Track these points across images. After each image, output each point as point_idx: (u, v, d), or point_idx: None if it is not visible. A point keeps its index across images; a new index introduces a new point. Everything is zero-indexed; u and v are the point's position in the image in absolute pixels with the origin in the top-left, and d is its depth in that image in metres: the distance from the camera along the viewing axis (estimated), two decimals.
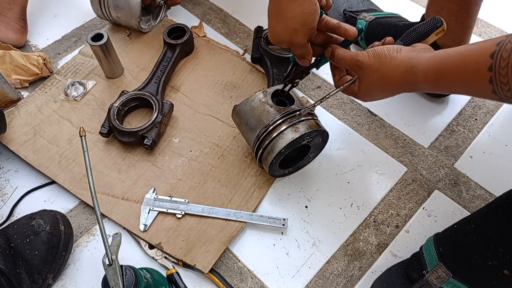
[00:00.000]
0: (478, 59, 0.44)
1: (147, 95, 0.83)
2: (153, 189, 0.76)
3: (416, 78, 0.53)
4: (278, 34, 0.63)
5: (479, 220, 0.55)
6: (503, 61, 0.40)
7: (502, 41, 0.42)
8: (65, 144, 0.81)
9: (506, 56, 0.40)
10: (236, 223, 0.73)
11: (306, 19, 0.60)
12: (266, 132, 0.68)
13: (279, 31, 0.63)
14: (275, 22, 0.62)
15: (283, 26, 0.62)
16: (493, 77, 0.42)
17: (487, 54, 0.42)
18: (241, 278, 0.70)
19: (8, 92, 0.84)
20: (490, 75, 0.42)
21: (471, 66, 0.45)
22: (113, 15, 0.94)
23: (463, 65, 0.46)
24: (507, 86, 0.41)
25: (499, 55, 0.41)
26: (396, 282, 0.65)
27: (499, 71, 0.41)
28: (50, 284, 0.68)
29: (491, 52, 0.42)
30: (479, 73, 0.43)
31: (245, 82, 0.91)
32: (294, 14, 0.60)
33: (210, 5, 1.07)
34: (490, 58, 0.42)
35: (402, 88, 0.57)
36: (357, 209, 0.76)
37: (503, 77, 0.41)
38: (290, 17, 0.60)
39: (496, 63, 0.41)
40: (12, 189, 0.78)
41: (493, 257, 0.51)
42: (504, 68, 0.40)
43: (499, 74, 0.41)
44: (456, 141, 0.84)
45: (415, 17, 0.90)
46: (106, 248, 0.51)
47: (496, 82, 0.42)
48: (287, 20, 0.60)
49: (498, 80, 0.41)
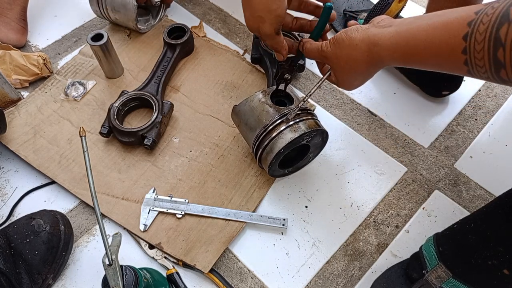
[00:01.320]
0: (449, 41, 0.42)
1: (147, 95, 0.83)
2: (153, 189, 0.76)
3: (382, 57, 0.52)
4: (247, 21, 0.61)
5: (479, 220, 0.55)
6: (477, 44, 0.38)
7: (472, 20, 0.39)
8: (65, 144, 0.81)
9: (481, 40, 0.38)
10: (236, 223, 0.73)
11: (270, 5, 0.57)
12: (266, 132, 0.68)
13: (247, 18, 0.61)
14: (244, 9, 0.60)
15: (250, 13, 0.60)
16: (468, 60, 0.40)
17: (459, 35, 0.40)
18: (241, 278, 0.70)
19: (8, 92, 0.84)
20: (464, 57, 0.40)
21: (443, 48, 0.43)
22: (112, 17, 0.94)
23: (434, 47, 0.44)
24: (483, 69, 0.39)
25: (472, 38, 0.39)
26: (396, 282, 0.65)
27: (474, 55, 0.39)
28: (50, 284, 0.68)
29: (464, 33, 0.40)
30: (452, 55, 0.42)
31: (245, 82, 0.91)
32: (259, 1, 0.57)
33: (210, 5, 1.07)
34: (463, 41, 0.40)
35: (372, 67, 0.55)
36: (357, 209, 0.76)
37: (478, 60, 0.39)
38: (255, 3, 0.58)
39: (470, 47, 0.39)
40: (12, 189, 0.78)
41: (492, 257, 0.51)
42: (479, 52, 0.38)
43: (474, 57, 0.39)
44: (456, 141, 0.84)
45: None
46: (106, 248, 0.51)
47: (471, 64, 0.40)
48: (253, 6, 0.58)
49: (473, 63, 0.40)
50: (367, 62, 0.54)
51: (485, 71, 0.39)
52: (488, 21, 0.37)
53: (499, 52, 0.37)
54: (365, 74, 0.58)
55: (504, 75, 0.38)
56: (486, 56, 0.38)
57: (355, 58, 0.55)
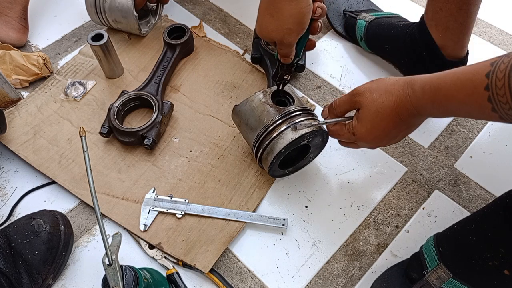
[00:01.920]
0: (473, 77, 0.45)
1: (147, 95, 0.83)
2: (153, 189, 0.76)
3: (414, 91, 0.52)
4: (270, 32, 0.62)
5: (479, 220, 0.55)
6: (499, 81, 0.41)
7: (495, 61, 0.43)
8: (65, 144, 0.81)
9: (502, 77, 0.41)
10: (236, 223, 0.73)
11: (302, 18, 0.59)
12: (266, 132, 0.68)
13: (271, 29, 0.61)
14: (269, 20, 0.61)
15: (277, 25, 0.60)
16: (491, 96, 0.42)
17: (482, 73, 0.43)
18: (241, 278, 0.70)
19: (8, 92, 0.84)
20: (487, 94, 0.43)
21: (467, 83, 0.45)
22: (114, 26, 0.95)
23: (459, 82, 0.46)
24: (507, 105, 0.41)
25: (494, 75, 0.42)
26: (396, 282, 0.65)
27: (496, 91, 0.42)
28: (50, 284, 0.68)
29: (486, 72, 0.43)
30: (476, 91, 0.44)
31: (245, 82, 0.91)
32: (291, 14, 0.59)
33: (210, 5, 1.07)
34: (486, 78, 0.43)
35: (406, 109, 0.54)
36: (357, 209, 0.76)
37: (501, 97, 0.42)
38: (287, 16, 0.59)
39: (493, 83, 0.42)
40: (12, 189, 0.78)
41: (493, 257, 0.51)
42: (501, 88, 0.41)
43: (496, 94, 0.42)
44: (456, 141, 0.84)
45: (415, 17, 0.90)
46: (106, 248, 0.51)
47: (495, 101, 0.42)
48: (283, 19, 0.59)
49: (496, 99, 0.42)
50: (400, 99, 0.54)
51: (509, 107, 0.41)
52: (508, 61, 0.41)
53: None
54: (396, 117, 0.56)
55: None
56: (507, 92, 0.41)
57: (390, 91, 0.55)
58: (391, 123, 0.56)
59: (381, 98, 0.55)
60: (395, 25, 0.89)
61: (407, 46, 0.84)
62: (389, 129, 0.57)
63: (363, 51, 0.97)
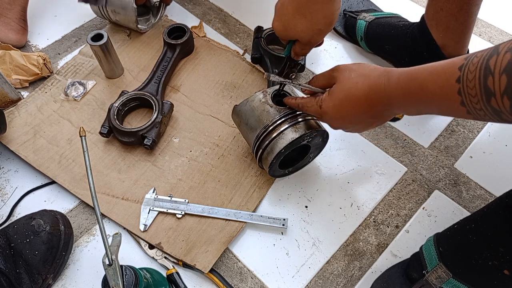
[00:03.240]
0: (447, 69, 0.46)
1: (147, 95, 0.83)
2: (153, 189, 0.76)
3: (390, 80, 0.53)
4: (299, 32, 0.61)
5: (479, 220, 0.55)
6: (470, 73, 0.42)
7: (468, 56, 0.44)
8: (65, 144, 0.81)
9: (473, 69, 0.42)
10: (236, 223, 0.73)
11: (333, 20, 0.59)
12: (266, 132, 0.68)
13: (301, 30, 0.60)
14: (300, 20, 0.60)
15: (308, 26, 0.60)
16: (461, 88, 0.43)
17: (456, 66, 0.44)
18: (241, 278, 0.70)
19: (8, 92, 0.84)
20: (458, 86, 0.44)
21: (442, 75, 0.46)
22: (113, 18, 0.94)
23: (435, 73, 0.47)
24: (475, 98, 0.42)
25: (466, 68, 0.43)
26: (396, 282, 0.65)
27: (466, 83, 0.43)
28: (50, 284, 0.68)
29: (460, 64, 0.44)
30: (448, 83, 0.45)
31: (245, 82, 0.91)
32: (325, 15, 0.58)
33: (210, 5, 1.07)
34: (459, 70, 0.44)
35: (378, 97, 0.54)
36: (357, 209, 0.76)
37: (470, 89, 0.42)
38: (320, 18, 0.59)
39: (464, 75, 0.43)
40: (12, 189, 0.78)
41: (493, 257, 0.51)
42: (471, 81, 0.42)
43: (467, 86, 0.43)
44: (456, 141, 0.84)
45: (415, 17, 0.90)
46: (106, 248, 0.51)
47: (465, 93, 0.43)
48: (316, 20, 0.59)
49: (466, 92, 0.43)
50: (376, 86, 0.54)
51: (477, 101, 0.42)
52: (480, 55, 0.42)
53: (488, 80, 0.40)
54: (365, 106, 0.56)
55: (495, 103, 0.40)
56: (477, 85, 0.41)
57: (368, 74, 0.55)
58: (359, 106, 0.56)
59: (357, 79, 0.55)
60: (395, 25, 0.89)
61: (408, 46, 0.84)
62: (356, 112, 0.57)
63: (363, 51, 0.97)
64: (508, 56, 0.38)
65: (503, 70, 0.38)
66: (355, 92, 0.56)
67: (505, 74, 0.38)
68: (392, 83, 0.52)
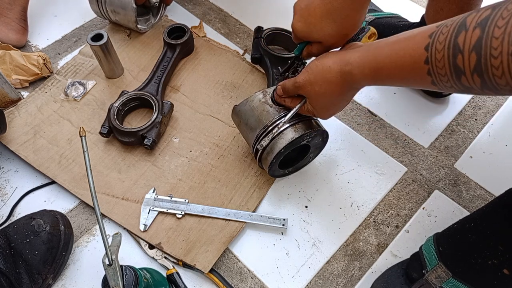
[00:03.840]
0: (412, 52, 0.44)
1: (147, 95, 0.83)
2: (153, 189, 0.76)
3: (354, 75, 0.53)
4: (326, 35, 0.60)
5: (479, 219, 0.55)
6: (438, 53, 0.41)
7: (433, 32, 0.42)
8: (65, 144, 0.81)
9: (441, 49, 0.40)
10: (236, 223, 0.73)
11: (359, 26, 0.60)
12: (266, 132, 0.68)
13: (329, 33, 0.60)
14: (330, 25, 0.59)
15: (337, 31, 0.60)
16: (430, 69, 0.42)
17: (421, 47, 0.43)
18: (241, 278, 0.70)
19: (8, 92, 0.84)
20: (427, 67, 0.42)
21: (407, 59, 0.45)
22: (112, 18, 0.94)
23: (399, 59, 0.46)
24: (445, 77, 0.41)
25: (433, 48, 0.41)
26: (396, 282, 0.65)
27: (435, 64, 0.41)
28: (50, 284, 0.68)
29: (425, 44, 0.42)
30: (416, 66, 0.44)
31: (245, 82, 0.91)
32: (354, 22, 0.59)
33: (210, 5, 1.07)
34: (425, 51, 0.42)
35: (346, 89, 0.56)
36: (357, 209, 0.76)
37: (440, 69, 0.41)
38: (350, 24, 0.59)
39: (432, 56, 0.41)
40: (12, 189, 0.78)
41: (492, 256, 0.51)
42: (440, 60, 0.41)
43: (436, 66, 0.41)
44: (456, 141, 0.84)
45: (415, 17, 0.90)
46: (106, 248, 0.51)
47: (434, 73, 0.42)
48: (346, 25, 0.59)
49: (435, 72, 0.42)
50: (340, 83, 0.55)
51: (447, 79, 0.41)
52: (447, 31, 0.40)
53: (458, 59, 0.39)
54: (340, 97, 0.58)
55: (465, 81, 0.40)
56: (446, 64, 0.40)
57: (329, 81, 0.56)
58: (338, 102, 0.60)
59: (323, 89, 0.57)
60: (395, 25, 0.89)
61: None
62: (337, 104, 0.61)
63: None
64: (477, 32, 0.37)
65: (472, 47, 0.37)
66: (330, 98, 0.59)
67: (474, 52, 0.37)
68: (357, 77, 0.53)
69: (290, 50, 0.94)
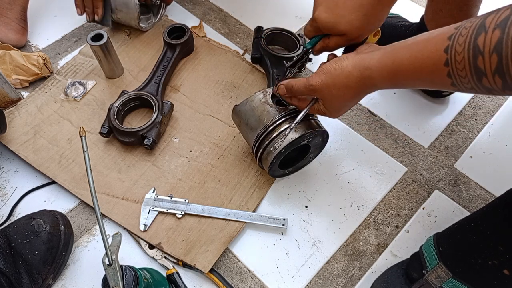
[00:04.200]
0: (431, 54, 0.44)
1: (147, 95, 0.83)
2: (153, 189, 0.76)
3: (373, 80, 0.53)
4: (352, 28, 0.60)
5: (479, 219, 0.55)
6: (458, 55, 0.41)
7: (452, 34, 0.42)
8: (65, 144, 0.81)
9: (461, 51, 0.40)
10: (236, 223, 0.73)
11: (384, 19, 0.60)
12: (266, 132, 0.68)
13: (357, 26, 0.60)
14: (360, 18, 0.59)
15: (366, 24, 0.59)
16: (450, 71, 0.42)
17: (440, 49, 0.43)
18: (241, 278, 0.70)
19: (8, 92, 0.84)
20: (447, 69, 0.42)
21: (426, 62, 0.45)
22: (114, 17, 0.94)
23: (418, 62, 0.46)
24: (466, 79, 0.41)
25: (453, 50, 0.41)
26: (396, 282, 0.65)
27: (455, 65, 0.41)
28: (50, 284, 0.68)
29: (444, 46, 0.42)
30: (435, 68, 0.44)
31: (245, 82, 0.91)
32: (382, 17, 0.59)
33: (210, 5, 1.07)
34: (445, 53, 0.42)
35: (364, 93, 0.57)
36: (357, 209, 0.76)
37: (460, 71, 0.41)
38: (379, 19, 0.59)
39: (452, 58, 0.41)
40: (12, 189, 0.78)
41: (493, 257, 0.51)
42: (460, 62, 0.40)
43: (456, 68, 0.41)
44: (456, 141, 0.84)
45: (415, 18, 0.90)
46: (106, 248, 0.51)
47: (454, 75, 0.42)
48: (374, 21, 0.59)
49: (456, 74, 0.42)
50: (359, 87, 0.55)
51: (468, 81, 0.41)
52: (466, 33, 0.40)
53: (478, 60, 0.39)
54: (355, 100, 0.59)
55: (486, 82, 0.39)
56: (467, 66, 0.40)
57: (348, 85, 0.55)
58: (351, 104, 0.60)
59: (341, 93, 0.57)
60: (395, 25, 0.89)
61: None
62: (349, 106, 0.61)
63: None
64: (497, 33, 0.37)
65: (493, 49, 0.37)
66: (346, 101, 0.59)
67: (495, 53, 0.37)
68: (376, 81, 0.53)
69: (290, 50, 0.94)
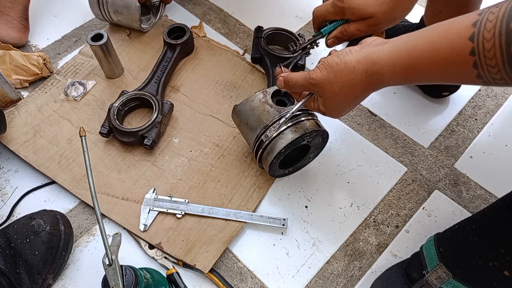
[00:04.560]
0: (454, 45, 0.40)
1: (147, 95, 0.83)
2: (153, 189, 0.76)
3: (382, 76, 0.48)
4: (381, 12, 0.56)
5: (480, 221, 0.55)
6: (486, 42, 0.37)
7: (477, 20, 0.38)
8: (65, 144, 0.81)
9: (490, 37, 0.37)
10: (236, 223, 0.73)
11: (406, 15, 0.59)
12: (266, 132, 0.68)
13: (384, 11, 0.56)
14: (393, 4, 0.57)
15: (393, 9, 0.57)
16: (477, 61, 0.39)
17: (464, 37, 0.39)
18: (241, 278, 0.70)
19: (8, 92, 0.84)
20: (473, 59, 0.39)
21: (449, 53, 0.41)
22: (114, 19, 0.94)
23: (438, 53, 0.42)
24: (495, 68, 0.38)
25: (480, 37, 0.38)
26: (396, 282, 0.65)
27: (484, 54, 0.38)
28: (50, 284, 0.68)
29: (469, 34, 0.39)
30: (459, 59, 0.40)
31: (245, 82, 0.91)
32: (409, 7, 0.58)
33: (210, 5, 1.07)
34: (470, 42, 0.38)
35: (369, 90, 0.51)
36: (357, 209, 0.76)
37: (489, 60, 0.37)
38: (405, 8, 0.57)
39: (479, 46, 0.38)
40: (12, 189, 0.78)
41: (493, 258, 0.51)
42: (490, 50, 0.37)
43: (484, 57, 0.38)
44: (456, 141, 0.84)
45: (415, 18, 0.90)
46: (106, 248, 0.51)
47: (482, 65, 0.38)
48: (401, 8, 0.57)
49: (484, 63, 0.38)
50: (365, 84, 0.50)
51: (497, 70, 0.38)
52: (494, 18, 0.36)
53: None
54: (359, 98, 0.54)
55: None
56: (498, 53, 0.37)
57: (351, 82, 0.50)
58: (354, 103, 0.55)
59: (343, 90, 0.52)
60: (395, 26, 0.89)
61: None
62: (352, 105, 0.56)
63: None
64: None
65: None
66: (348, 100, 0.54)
67: None
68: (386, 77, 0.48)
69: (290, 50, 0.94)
